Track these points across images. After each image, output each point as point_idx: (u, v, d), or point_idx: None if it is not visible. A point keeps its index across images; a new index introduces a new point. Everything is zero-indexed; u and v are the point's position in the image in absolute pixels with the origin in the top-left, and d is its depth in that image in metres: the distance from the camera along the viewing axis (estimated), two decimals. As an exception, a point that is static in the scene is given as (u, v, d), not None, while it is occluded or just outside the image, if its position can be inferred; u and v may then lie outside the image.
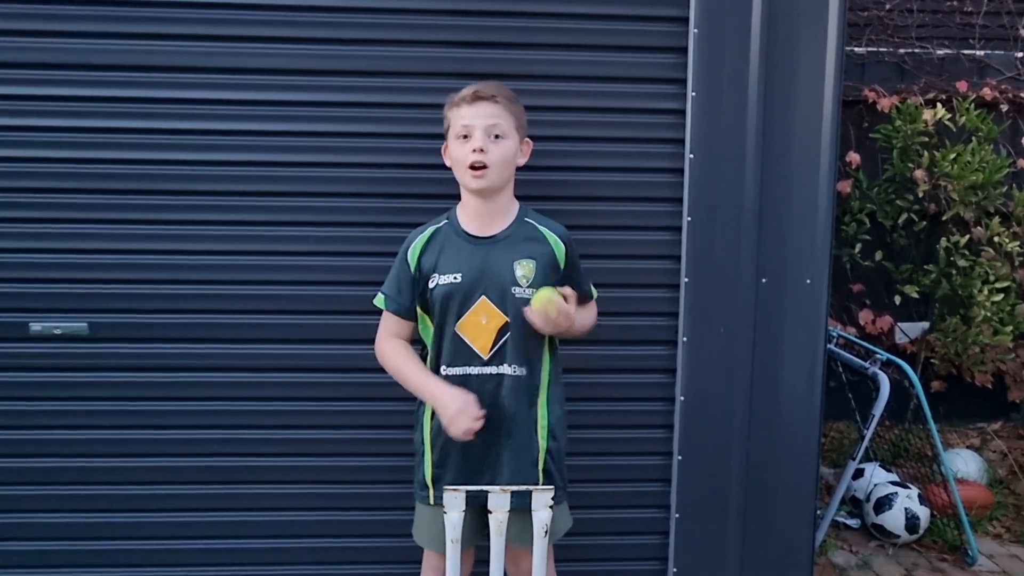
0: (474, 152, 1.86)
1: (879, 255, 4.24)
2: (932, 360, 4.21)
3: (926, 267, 4.17)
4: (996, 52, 4.53)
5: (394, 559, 2.36)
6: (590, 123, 2.33)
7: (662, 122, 2.34)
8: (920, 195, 4.07)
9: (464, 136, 1.89)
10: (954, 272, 4.06)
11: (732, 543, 2.43)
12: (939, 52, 4.47)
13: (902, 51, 4.49)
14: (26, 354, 2.31)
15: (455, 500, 1.75)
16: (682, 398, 2.39)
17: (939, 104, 4.08)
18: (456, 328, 1.90)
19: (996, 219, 4.02)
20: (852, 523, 3.41)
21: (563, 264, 1.96)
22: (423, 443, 1.98)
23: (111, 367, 2.33)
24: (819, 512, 2.85)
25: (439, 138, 2.01)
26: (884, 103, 4.16)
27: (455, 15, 2.28)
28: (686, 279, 2.36)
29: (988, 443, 4.21)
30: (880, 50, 4.52)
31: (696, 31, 2.28)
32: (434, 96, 2.16)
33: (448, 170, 1.99)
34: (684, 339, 2.37)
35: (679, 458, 2.41)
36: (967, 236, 4.05)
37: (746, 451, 2.40)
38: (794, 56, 2.30)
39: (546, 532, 1.77)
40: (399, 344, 2.00)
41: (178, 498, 2.38)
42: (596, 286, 2.09)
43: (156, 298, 2.32)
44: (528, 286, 1.90)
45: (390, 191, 2.32)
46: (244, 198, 2.30)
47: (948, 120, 4.02)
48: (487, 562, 1.80)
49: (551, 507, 1.77)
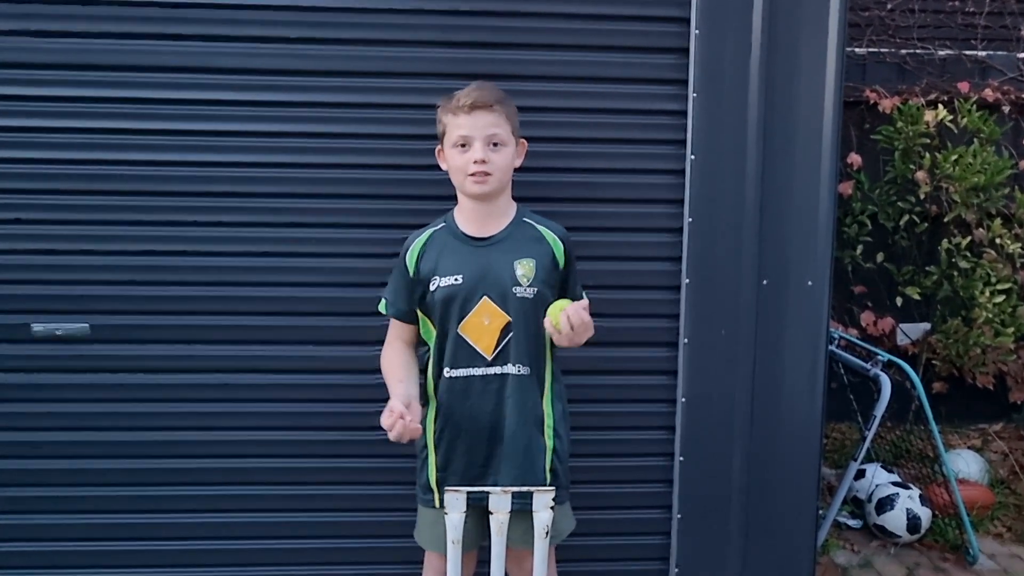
0: (476, 163, 1.86)
1: (881, 256, 4.23)
2: (933, 361, 4.21)
3: (928, 269, 4.17)
4: (998, 53, 4.53)
5: (395, 560, 2.36)
6: (591, 124, 2.33)
7: (663, 123, 2.34)
8: (922, 196, 4.07)
9: (462, 145, 1.88)
10: (956, 274, 4.05)
11: (734, 543, 2.43)
12: (941, 53, 4.46)
13: (903, 52, 4.48)
14: (28, 355, 2.31)
15: (456, 501, 1.75)
16: (684, 399, 2.39)
17: (941, 105, 4.07)
18: (459, 330, 1.90)
19: (998, 221, 4.02)
20: (854, 523, 3.41)
21: (562, 263, 1.96)
22: (426, 446, 1.97)
23: (112, 368, 2.33)
24: (821, 512, 2.85)
25: (438, 142, 2.01)
26: (885, 104, 4.16)
27: (455, 16, 2.28)
28: (687, 280, 2.36)
29: (989, 444, 4.21)
30: (881, 51, 4.51)
31: (697, 32, 2.28)
32: (434, 97, 2.15)
33: (446, 172, 1.99)
34: (685, 340, 2.37)
35: (681, 459, 2.41)
36: (969, 238, 4.04)
37: (748, 452, 2.40)
38: (795, 57, 2.30)
39: (547, 533, 1.77)
40: (396, 348, 2.00)
41: (179, 499, 2.38)
42: (597, 288, 2.08)
43: (157, 300, 2.32)
44: (529, 285, 1.90)
45: (390, 192, 2.32)
46: (245, 199, 2.30)
47: (950, 121, 4.02)
48: (489, 562, 1.80)
49: (552, 508, 1.77)
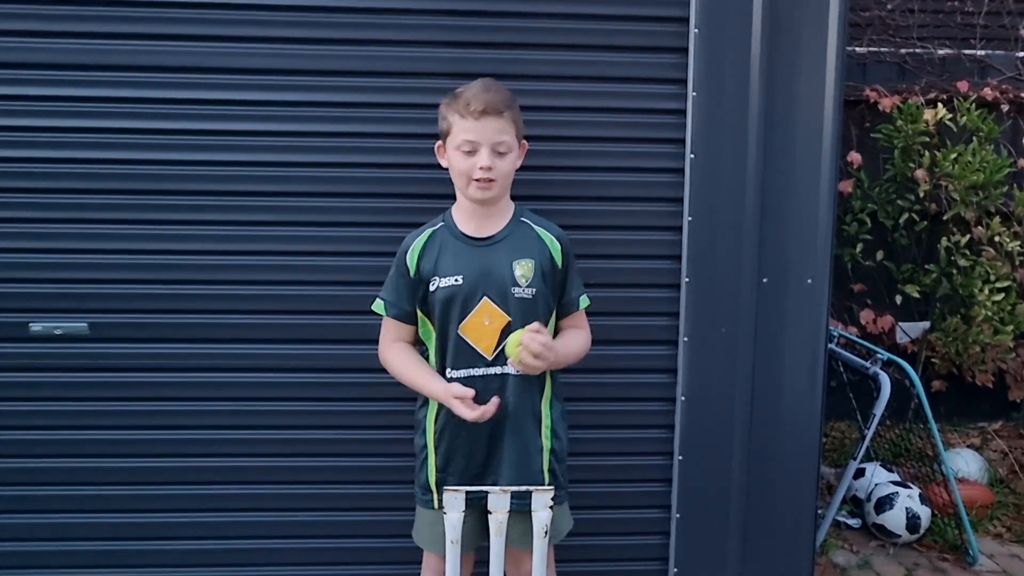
0: (481, 169, 1.86)
1: (880, 255, 4.24)
2: (933, 360, 4.21)
3: (927, 267, 4.17)
4: (997, 52, 4.53)
5: (393, 560, 2.36)
6: (591, 123, 2.33)
7: (663, 122, 2.34)
8: (921, 195, 4.07)
9: (468, 151, 1.87)
10: (955, 272, 4.05)
11: (733, 543, 2.43)
12: (940, 52, 4.47)
13: (903, 51, 4.49)
14: (26, 354, 2.31)
15: (455, 501, 1.75)
16: (683, 398, 2.39)
17: (940, 104, 4.08)
18: (459, 330, 1.90)
19: (997, 219, 4.02)
20: (853, 523, 3.41)
21: (560, 263, 1.96)
22: (426, 446, 1.97)
23: (111, 367, 2.33)
24: (820, 512, 2.85)
25: (439, 138, 2.01)
26: (885, 103, 4.16)
27: (455, 15, 2.28)
28: (687, 279, 2.36)
29: (989, 442, 4.21)
30: (881, 50, 4.52)
31: (697, 31, 2.27)
32: (435, 96, 2.15)
33: (445, 168, 1.98)
34: (685, 339, 2.37)
35: (680, 458, 2.41)
36: (968, 236, 4.05)
37: (747, 451, 2.40)
38: (795, 56, 2.30)
39: (546, 533, 1.77)
40: (402, 347, 1.99)
41: (178, 498, 2.38)
42: (597, 286, 2.05)
43: (156, 298, 2.32)
44: (528, 285, 1.90)
45: (390, 191, 2.32)
46: (244, 198, 2.30)
47: (949, 120, 4.02)
48: (488, 562, 1.80)
49: (551, 508, 1.77)
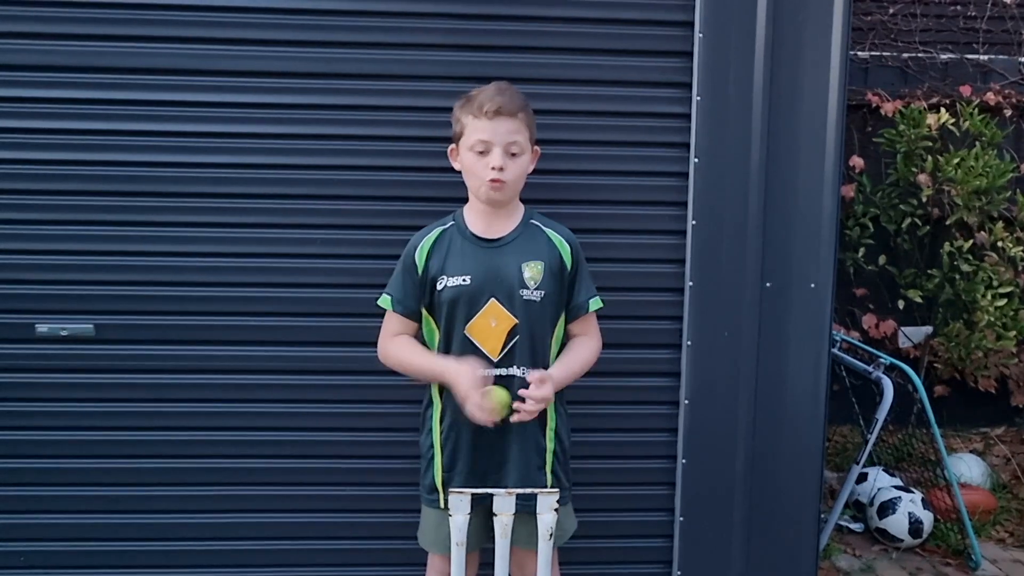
0: (493, 169, 1.86)
1: (883, 259, 4.24)
2: (935, 364, 4.21)
3: (930, 271, 4.17)
4: (1000, 57, 4.54)
5: (397, 561, 2.37)
6: (595, 127, 2.34)
7: (667, 126, 2.34)
8: (924, 199, 4.07)
9: (481, 151, 1.88)
10: (958, 277, 4.05)
11: (736, 546, 2.43)
12: (943, 56, 4.48)
13: (906, 55, 4.50)
14: (32, 355, 2.32)
15: (460, 503, 1.75)
16: (686, 401, 2.39)
17: (943, 109, 4.08)
18: (465, 331, 1.90)
19: (1000, 224, 4.02)
20: (856, 527, 3.41)
21: (570, 266, 1.97)
22: (432, 446, 1.98)
23: (117, 368, 2.34)
24: (823, 516, 2.85)
25: (446, 141, 2.01)
26: (888, 107, 4.17)
27: (461, 19, 2.29)
28: (690, 283, 2.36)
29: (991, 448, 4.21)
30: (884, 54, 4.53)
31: (701, 35, 2.28)
32: (440, 99, 2.17)
33: (454, 172, 1.99)
34: (688, 343, 2.38)
35: (683, 461, 2.41)
36: (971, 241, 4.05)
37: (750, 454, 2.40)
38: (798, 60, 2.30)
39: (551, 535, 1.77)
40: (404, 338, 1.99)
41: (182, 499, 2.39)
42: (601, 289, 2.04)
43: (162, 300, 2.32)
44: (536, 288, 1.90)
45: (395, 194, 2.33)
46: (251, 201, 2.31)
47: (952, 125, 4.02)
48: (492, 564, 1.80)
49: (556, 510, 1.77)
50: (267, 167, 2.31)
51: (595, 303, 2.01)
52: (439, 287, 1.91)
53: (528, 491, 1.79)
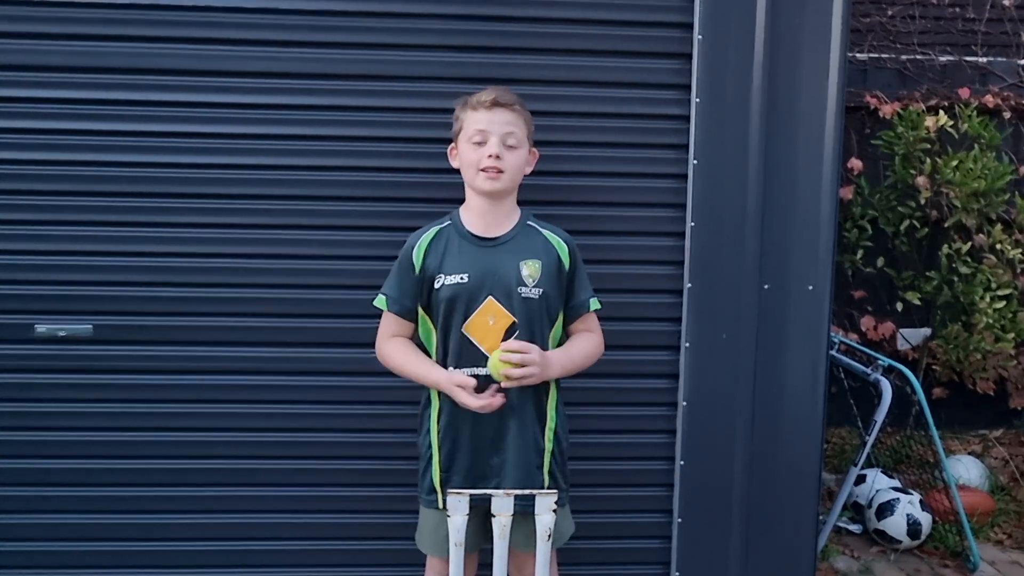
0: (490, 157, 1.87)
1: (881, 261, 4.24)
2: (934, 366, 4.21)
3: (928, 274, 4.18)
4: (998, 59, 4.55)
5: (395, 562, 2.36)
6: (594, 128, 2.34)
7: (666, 128, 2.35)
8: (922, 202, 4.08)
9: (479, 142, 1.89)
10: (956, 279, 4.06)
11: (734, 548, 2.43)
12: (941, 58, 4.49)
13: (904, 57, 4.50)
14: (30, 356, 2.31)
15: (459, 503, 1.76)
16: (685, 403, 2.39)
17: (941, 111, 4.09)
18: (463, 329, 1.90)
19: (998, 226, 4.03)
20: (854, 528, 3.41)
21: (568, 265, 1.97)
22: (430, 447, 1.97)
23: (115, 369, 2.34)
24: (821, 517, 2.85)
25: (444, 142, 2.02)
26: (886, 109, 4.17)
27: (460, 20, 2.29)
28: (689, 284, 2.36)
29: (990, 450, 4.21)
30: (882, 56, 4.53)
31: (700, 37, 2.29)
32: (438, 100, 2.17)
33: (451, 173, 1.99)
34: (687, 344, 2.38)
35: (681, 463, 2.42)
36: (969, 243, 4.05)
37: (748, 456, 2.40)
38: (797, 62, 2.31)
39: (549, 536, 1.77)
40: (401, 341, 1.99)
41: (181, 500, 2.38)
42: (599, 291, 2.06)
43: (160, 301, 2.32)
44: (534, 286, 1.91)
45: (394, 195, 2.33)
46: (249, 201, 2.31)
47: (950, 127, 4.03)
48: (490, 566, 1.80)
49: (555, 510, 1.77)
50: (266, 168, 2.31)
51: (595, 303, 2.02)
52: (437, 285, 1.91)
53: (526, 492, 1.79)
